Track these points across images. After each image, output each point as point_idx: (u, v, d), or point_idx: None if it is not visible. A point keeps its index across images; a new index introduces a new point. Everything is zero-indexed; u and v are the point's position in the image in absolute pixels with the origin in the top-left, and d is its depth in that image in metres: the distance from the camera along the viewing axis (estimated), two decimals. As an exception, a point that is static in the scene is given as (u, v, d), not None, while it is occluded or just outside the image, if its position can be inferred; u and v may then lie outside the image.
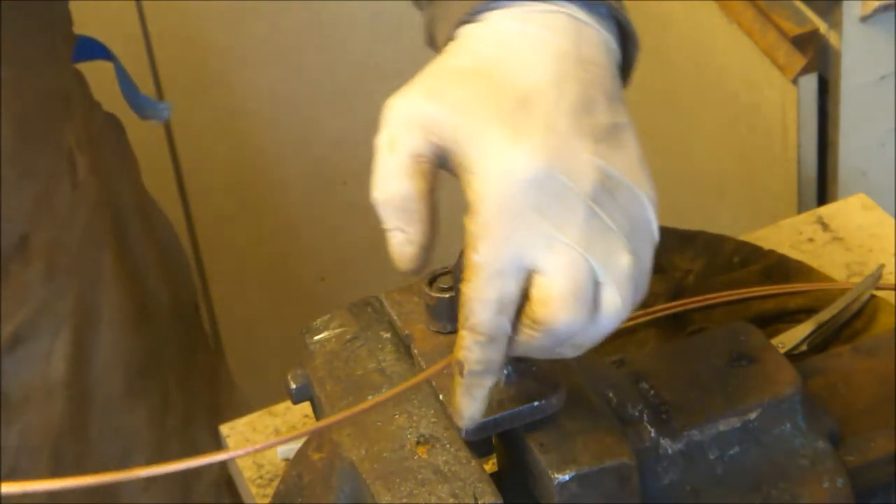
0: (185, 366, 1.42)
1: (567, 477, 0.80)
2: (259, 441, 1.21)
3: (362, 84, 2.16)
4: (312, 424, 0.86)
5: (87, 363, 1.28)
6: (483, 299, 0.74)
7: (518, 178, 0.73)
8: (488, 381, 0.77)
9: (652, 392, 0.87)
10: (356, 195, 2.28)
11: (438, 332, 0.87)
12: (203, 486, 1.43)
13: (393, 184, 0.78)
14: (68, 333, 1.25)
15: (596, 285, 0.75)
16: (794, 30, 1.51)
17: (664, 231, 1.31)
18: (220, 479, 1.43)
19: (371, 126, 0.81)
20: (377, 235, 0.80)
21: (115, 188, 1.31)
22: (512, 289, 0.74)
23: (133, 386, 1.32)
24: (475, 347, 0.75)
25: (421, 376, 0.82)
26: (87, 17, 1.34)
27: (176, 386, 1.40)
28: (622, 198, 0.78)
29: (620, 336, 1.20)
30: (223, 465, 1.42)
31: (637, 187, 0.80)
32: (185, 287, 1.46)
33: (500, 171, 0.74)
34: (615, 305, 0.75)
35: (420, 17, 0.87)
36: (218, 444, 1.35)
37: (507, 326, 0.74)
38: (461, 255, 0.81)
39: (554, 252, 0.73)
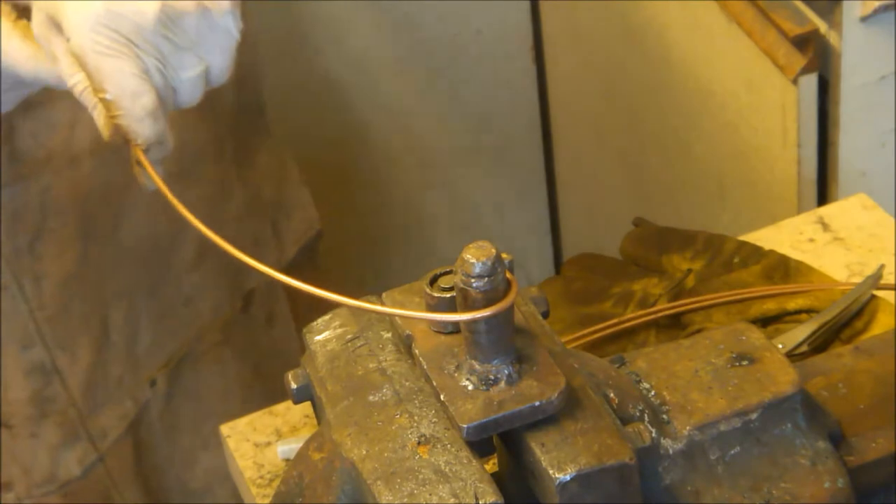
0: (247, 161, 1.46)
1: (568, 477, 0.80)
2: (259, 440, 1.21)
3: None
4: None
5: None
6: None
7: (92, 13, 0.96)
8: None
9: (653, 392, 0.87)
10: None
11: (439, 332, 0.87)
12: (258, 275, 1.47)
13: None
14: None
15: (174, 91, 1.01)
16: (794, 30, 1.51)
17: (664, 231, 1.32)
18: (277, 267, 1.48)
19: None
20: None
21: None
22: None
23: (186, 168, 1.36)
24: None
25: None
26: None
27: (236, 177, 1.45)
28: (185, 22, 0.98)
29: (621, 336, 1.21)
30: (281, 254, 1.52)
31: (198, 11, 0.98)
32: (251, 85, 1.48)
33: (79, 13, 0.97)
34: (187, 104, 1.03)
35: None
36: (278, 239, 1.51)
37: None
38: (461, 255, 0.81)
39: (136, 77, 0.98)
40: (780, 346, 1.12)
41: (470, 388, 0.83)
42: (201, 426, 1.50)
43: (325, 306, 0.90)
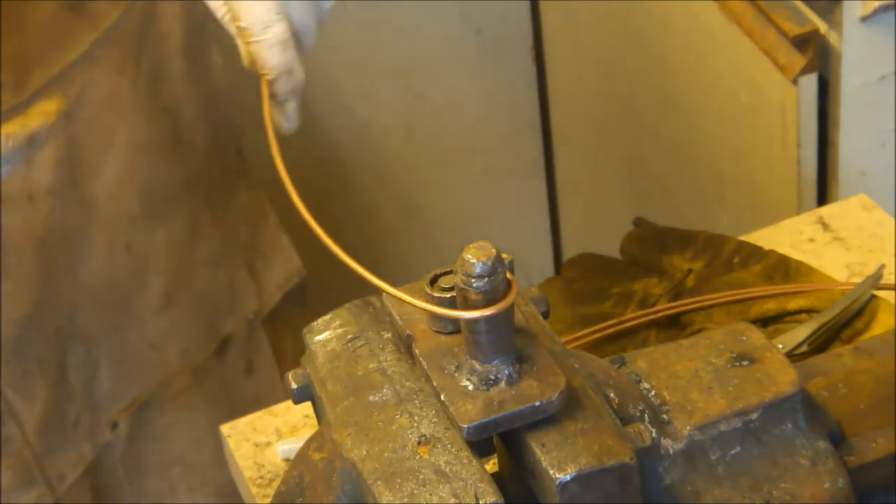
0: (222, 203, 1.46)
1: (568, 477, 0.80)
2: (259, 440, 1.21)
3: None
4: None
5: (88, 178, 1.31)
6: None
7: None
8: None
9: (653, 392, 0.87)
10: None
11: (439, 332, 0.87)
12: (234, 321, 1.46)
13: None
14: (57, 146, 1.27)
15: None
16: (794, 30, 1.51)
17: (664, 231, 1.32)
18: (257, 316, 1.46)
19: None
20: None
21: (160, 29, 1.35)
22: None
23: (154, 209, 1.37)
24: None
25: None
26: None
27: (209, 219, 1.44)
28: None
29: (621, 336, 1.21)
30: (261, 301, 1.50)
31: None
32: (226, 129, 1.49)
33: None
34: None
35: None
36: (258, 286, 1.48)
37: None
38: (461, 255, 0.81)
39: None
40: (780, 346, 1.12)
41: (470, 388, 0.83)
42: (167, 471, 1.47)
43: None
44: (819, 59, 1.51)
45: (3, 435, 1.34)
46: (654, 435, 0.84)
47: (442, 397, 0.83)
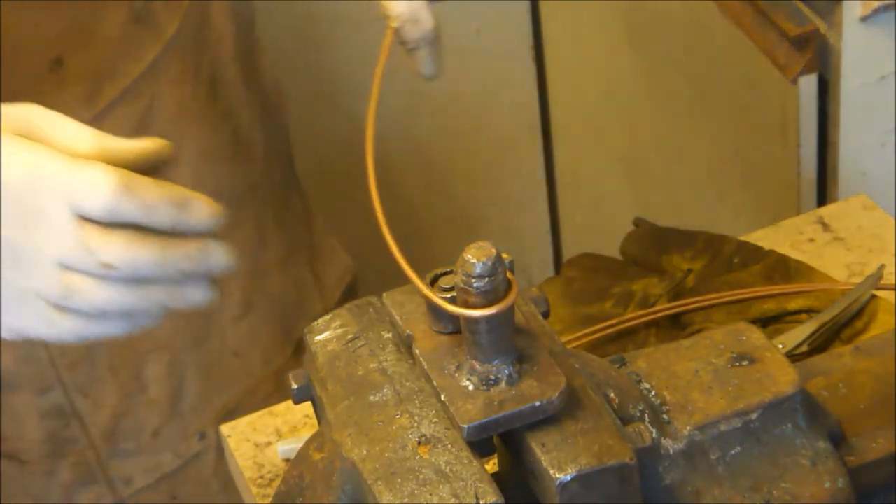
0: (282, 204, 1.47)
1: (568, 477, 0.80)
2: (259, 440, 1.21)
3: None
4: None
5: None
6: None
7: None
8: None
9: (653, 392, 0.87)
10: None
11: (440, 333, 0.87)
12: (304, 323, 1.47)
13: None
14: None
15: None
16: (794, 30, 1.51)
17: (664, 231, 1.32)
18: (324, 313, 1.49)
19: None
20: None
21: (213, 35, 1.35)
22: None
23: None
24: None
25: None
26: None
27: (273, 221, 1.45)
28: None
29: (621, 336, 1.21)
30: (323, 302, 1.51)
31: None
32: (280, 132, 1.50)
33: None
34: None
35: None
36: (320, 285, 1.49)
37: None
38: (461, 255, 0.81)
39: None
40: (780, 346, 1.12)
41: (470, 388, 0.83)
42: None
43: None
44: (819, 59, 1.51)
45: (67, 435, 1.35)
46: (654, 435, 0.84)
47: (442, 397, 0.83)
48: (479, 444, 0.83)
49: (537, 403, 0.81)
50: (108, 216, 0.81)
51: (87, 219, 0.81)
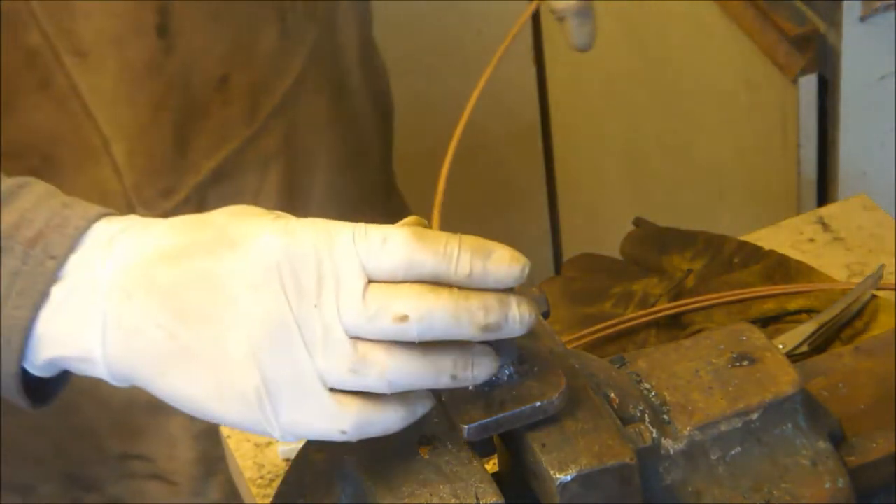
0: (391, 208, 1.50)
1: (568, 477, 0.80)
2: (259, 440, 1.21)
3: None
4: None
5: (301, 201, 1.33)
6: None
7: None
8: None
9: (653, 392, 0.87)
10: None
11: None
12: None
13: None
14: (278, 172, 1.30)
15: None
16: (794, 30, 1.51)
17: (665, 231, 1.32)
18: None
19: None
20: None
21: (340, 40, 1.36)
22: None
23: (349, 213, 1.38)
24: None
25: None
26: None
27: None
28: None
29: (621, 336, 1.21)
30: None
31: None
32: (391, 134, 1.52)
33: None
34: None
35: None
36: None
37: None
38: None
39: None
40: (780, 346, 1.12)
41: (471, 388, 0.83)
42: None
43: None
44: (819, 59, 1.51)
45: (218, 454, 1.31)
46: (654, 435, 0.84)
47: (443, 398, 0.83)
48: (480, 445, 0.83)
49: (538, 404, 0.81)
50: (403, 271, 0.76)
51: (377, 280, 0.76)
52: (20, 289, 0.79)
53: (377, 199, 1.47)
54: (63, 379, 0.85)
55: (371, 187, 1.44)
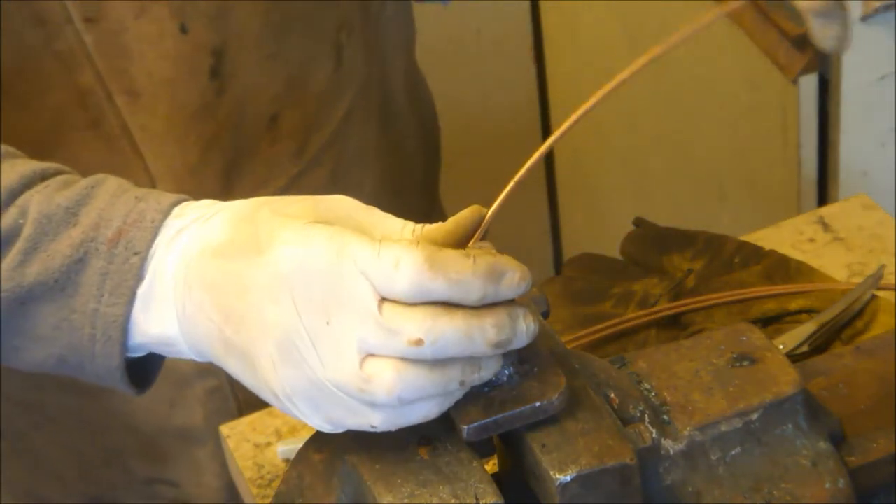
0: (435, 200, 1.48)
1: (568, 478, 0.80)
2: (259, 441, 1.21)
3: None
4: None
5: None
6: None
7: None
8: None
9: (653, 392, 0.87)
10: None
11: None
12: None
13: None
14: None
15: None
16: (794, 30, 1.51)
17: (665, 231, 1.32)
18: None
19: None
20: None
21: (386, 67, 1.35)
22: None
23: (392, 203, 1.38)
24: None
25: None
26: None
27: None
28: None
29: (621, 336, 1.21)
30: None
31: None
32: (436, 157, 1.52)
33: None
34: None
35: None
36: None
37: None
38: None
39: None
40: (780, 346, 1.12)
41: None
42: None
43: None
44: (819, 59, 1.51)
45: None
46: (654, 435, 0.84)
47: (442, 398, 0.83)
48: (479, 445, 0.83)
49: (537, 404, 0.81)
50: (414, 295, 0.76)
51: (390, 300, 0.76)
52: (111, 287, 0.84)
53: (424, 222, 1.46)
54: (156, 361, 0.89)
55: (409, 213, 1.44)
